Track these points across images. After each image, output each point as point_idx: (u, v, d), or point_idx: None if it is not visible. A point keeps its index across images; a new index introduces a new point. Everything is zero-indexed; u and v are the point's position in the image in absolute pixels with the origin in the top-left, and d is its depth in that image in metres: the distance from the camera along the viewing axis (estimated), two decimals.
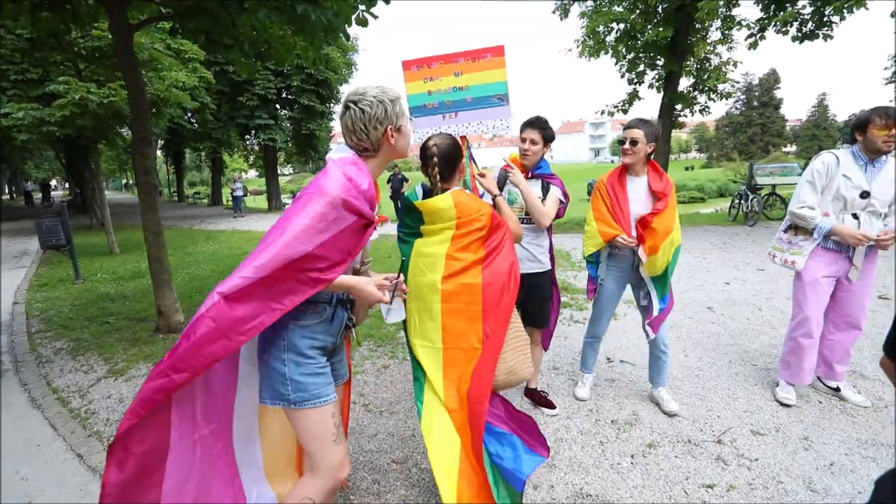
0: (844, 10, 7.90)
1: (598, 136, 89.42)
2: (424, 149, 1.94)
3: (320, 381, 1.49)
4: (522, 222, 2.57)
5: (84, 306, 5.65)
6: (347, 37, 4.32)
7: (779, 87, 55.76)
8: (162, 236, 4.47)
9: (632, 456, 2.48)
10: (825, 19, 8.92)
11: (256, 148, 22.28)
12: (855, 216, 2.67)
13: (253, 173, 53.47)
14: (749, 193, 11.26)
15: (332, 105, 19.56)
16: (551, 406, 2.96)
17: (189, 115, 18.46)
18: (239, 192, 18.76)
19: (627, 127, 2.66)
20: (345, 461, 1.55)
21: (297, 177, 58.06)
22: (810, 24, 9.20)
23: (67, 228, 7.24)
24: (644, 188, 2.72)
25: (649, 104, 59.14)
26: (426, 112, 2.61)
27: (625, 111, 12.91)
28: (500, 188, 2.56)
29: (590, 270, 2.98)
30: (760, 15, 9.60)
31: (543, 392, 3.05)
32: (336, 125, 23.12)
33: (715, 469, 2.35)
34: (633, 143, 2.61)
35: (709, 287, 5.71)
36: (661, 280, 2.76)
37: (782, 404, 2.93)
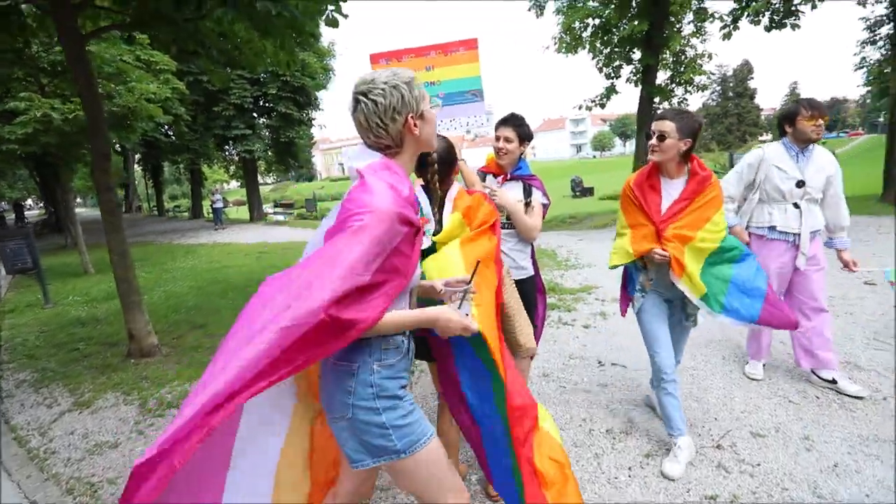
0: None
1: (579, 132, 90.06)
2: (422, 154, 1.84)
3: (417, 416, 1.32)
4: (504, 227, 2.42)
5: (52, 332, 5.38)
6: (317, 37, 4.18)
7: (752, 78, 56.85)
8: (128, 256, 4.24)
9: (629, 468, 2.36)
10: (793, 8, 9.00)
11: (236, 158, 21.93)
12: (796, 205, 2.81)
13: (235, 184, 52.74)
14: None
15: (310, 112, 19.28)
16: None
17: (166, 127, 18.07)
18: (219, 204, 18.40)
19: (657, 119, 2.22)
20: (463, 487, 1.38)
21: (280, 186, 57.27)
22: (780, 13, 9.28)
23: (34, 251, 6.92)
24: (680, 193, 2.27)
25: (628, 98, 59.83)
26: None
27: (602, 105, 12.94)
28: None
29: (630, 279, 2.53)
30: (734, 6, 9.66)
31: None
32: (317, 132, 22.93)
33: (716, 478, 2.23)
34: (661, 137, 2.17)
35: None
36: (709, 297, 2.24)
37: (751, 379, 3.14)
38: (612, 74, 12.07)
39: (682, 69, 11.93)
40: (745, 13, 9.18)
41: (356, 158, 1.31)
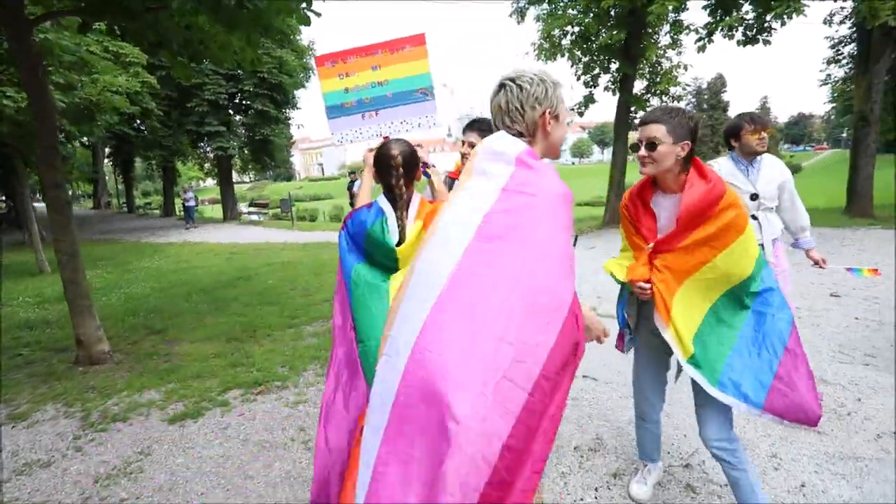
0: (784, 16, 8.21)
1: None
2: (387, 157, 1.76)
3: None
4: None
5: None
6: (290, 34, 4.02)
7: (725, 91, 58.43)
8: (79, 257, 3.98)
9: (596, 489, 2.27)
10: (766, 24, 9.23)
11: (210, 156, 21.37)
12: (754, 217, 2.78)
13: (211, 182, 51.52)
14: None
15: (287, 110, 18.92)
16: None
17: (138, 122, 17.46)
18: (191, 202, 17.88)
19: (643, 123, 1.77)
20: None
21: (258, 185, 56.03)
22: (753, 29, 9.50)
23: None
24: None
25: (605, 106, 60.98)
26: (344, 112, 2.35)
27: (581, 114, 13.04)
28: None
29: (618, 310, 2.04)
30: (708, 20, 9.84)
31: None
32: (295, 131, 22.50)
33: (684, 499, 2.16)
34: (651, 145, 1.71)
35: None
36: (700, 363, 1.71)
37: None
38: (591, 83, 12.17)
39: (657, 80, 12.11)
40: (720, 27, 9.37)
41: (502, 141, 1.28)
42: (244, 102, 17.93)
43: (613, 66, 11.73)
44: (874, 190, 11.05)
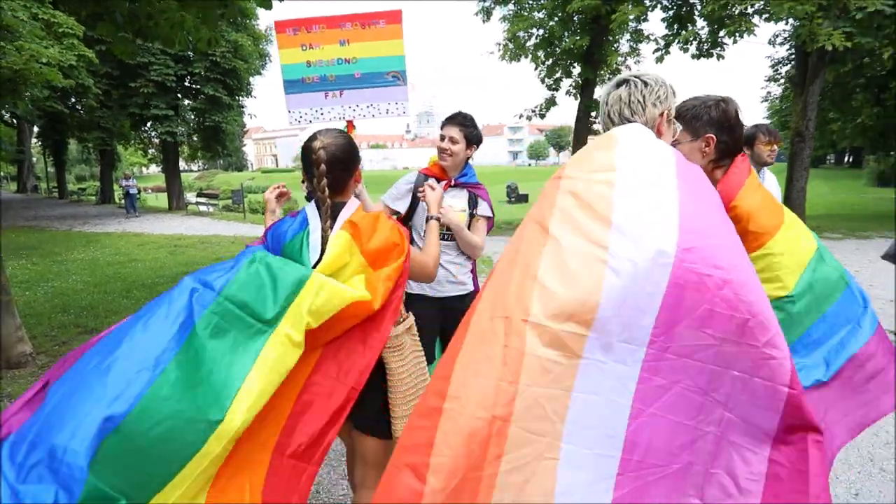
0: (736, 34, 8.67)
1: (516, 139, 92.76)
2: (308, 151, 1.42)
3: None
4: (444, 239, 2.16)
5: None
6: (248, 15, 3.74)
7: (675, 99, 61.56)
8: None
9: None
10: (719, 40, 9.69)
11: (156, 141, 20.07)
12: None
13: (155, 168, 48.45)
14: None
15: (241, 98, 18.02)
16: None
17: (73, 99, 16.08)
18: (133, 190, 16.73)
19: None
20: None
21: (207, 174, 53.21)
22: (707, 43, 9.96)
23: None
24: None
25: (564, 110, 62.48)
26: (304, 87, 2.11)
27: (542, 116, 13.25)
28: (417, 197, 2.15)
29: None
30: (666, 32, 10.21)
31: None
32: (249, 121, 21.52)
33: None
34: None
35: None
36: None
37: None
38: (553, 86, 12.37)
39: None
40: (677, 40, 9.75)
41: (637, 132, 1.20)
42: (195, 86, 16.91)
43: (576, 71, 11.96)
44: (805, 201, 11.92)
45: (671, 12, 10.09)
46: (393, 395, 1.44)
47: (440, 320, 2.18)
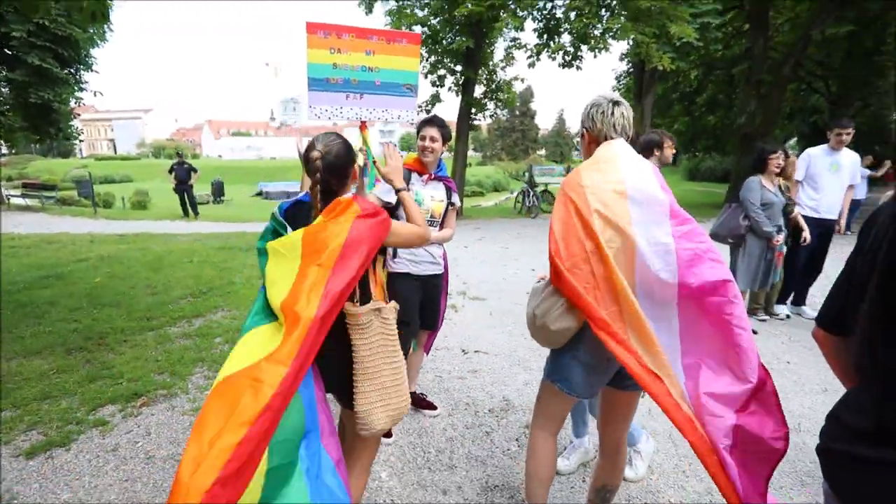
0: (597, 49, 10.18)
1: (387, 130, 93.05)
2: (308, 158, 1.55)
3: None
4: (430, 224, 2.54)
5: None
6: None
7: (533, 101, 67.47)
8: None
9: (517, 439, 2.72)
10: (579, 54, 11.20)
11: None
12: None
13: None
14: (531, 190, 13.38)
15: (78, 71, 15.19)
16: (433, 407, 3.00)
17: None
18: None
19: None
20: None
21: (20, 159, 43.17)
22: (569, 55, 11.42)
23: None
24: None
25: (450, 106, 64.52)
26: (328, 87, 2.32)
27: (427, 111, 13.78)
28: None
29: None
30: (537, 41, 11.45)
31: (422, 395, 3.08)
32: (87, 98, 18.14)
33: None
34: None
35: (521, 274, 6.58)
36: None
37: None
38: (437, 83, 12.93)
39: (493, 87, 13.54)
40: (545, 50, 11.02)
41: (627, 147, 1.66)
42: (14, 52, 13.86)
43: (458, 70, 12.67)
44: None
45: (541, 24, 11.34)
46: (355, 369, 1.56)
47: (420, 295, 2.60)
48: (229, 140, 78.19)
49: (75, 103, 16.44)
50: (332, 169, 1.57)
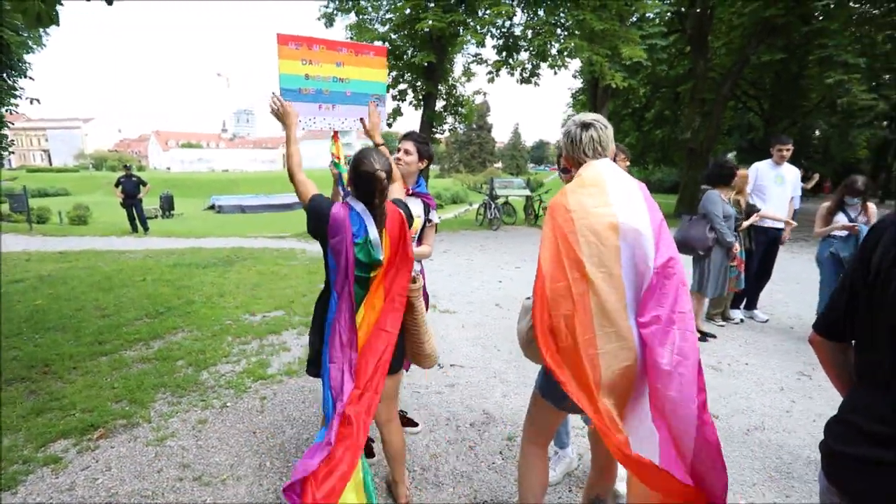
0: (555, 67, 10.57)
1: (345, 143, 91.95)
2: (371, 177, 1.86)
3: None
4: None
5: None
6: None
7: (489, 114, 68.96)
8: None
9: (500, 453, 2.72)
10: (538, 70, 11.59)
11: None
12: None
13: None
14: (492, 203, 13.57)
15: (13, 78, 14.16)
16: (414, 424, 2.96)
17: None
18: None
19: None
20: None
21: None
22: (527, 72, 11.79)
23: None
24: None
25: (411, 120, 64.78)
26: (301, 97, 2.32)
27: (389, 125, 13.78)
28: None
29: None
30: (496, 58, 11.74)
31: (403, 412, 3.03)
32: (24, 107, 16.86)
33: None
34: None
35: (487, 286, 6.62)
36: None
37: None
38: (399, 97, 12.99)
39: (453, 101, 13.73)
40: (505, 66, 11.32)
41: (611, 167, 1.73)
42: None
43: (419, 84, 12.78)
44: None
45: (500, 41, 11.65)
46: (417, 327, 2.15)
47: None
48: (179, 152, 74.90)
49: (7, 111, 15.27)
50: (387, 180, 1.92)
